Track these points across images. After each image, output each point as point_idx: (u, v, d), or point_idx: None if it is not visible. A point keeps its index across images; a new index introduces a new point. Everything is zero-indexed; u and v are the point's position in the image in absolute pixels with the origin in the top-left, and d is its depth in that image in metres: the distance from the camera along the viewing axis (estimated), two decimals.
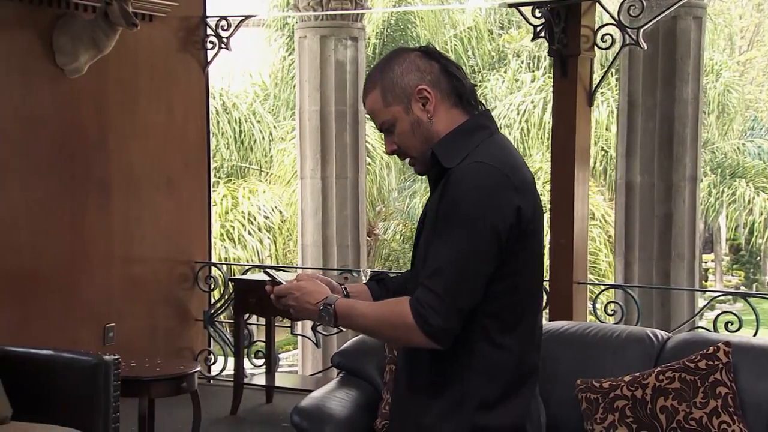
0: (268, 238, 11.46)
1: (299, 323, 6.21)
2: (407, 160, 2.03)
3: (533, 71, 14.35)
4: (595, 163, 14.20)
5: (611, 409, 3.06)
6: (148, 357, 4.42)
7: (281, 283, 1.98)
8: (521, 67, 14.40)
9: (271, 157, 12.50)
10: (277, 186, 11.81)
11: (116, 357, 3.51)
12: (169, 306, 5.75)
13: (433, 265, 1.83)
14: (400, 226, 13.36)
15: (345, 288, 2.04)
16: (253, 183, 12.07)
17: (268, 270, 2.04)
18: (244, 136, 12.27)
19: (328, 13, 6.88)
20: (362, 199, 7.14)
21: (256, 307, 5.06)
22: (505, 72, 14.44)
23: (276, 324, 5.53)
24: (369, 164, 11.83)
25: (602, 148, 13.99)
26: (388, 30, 13.36)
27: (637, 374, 3.09)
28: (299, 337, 6.83)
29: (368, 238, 12.49)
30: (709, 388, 2.95)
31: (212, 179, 11.97)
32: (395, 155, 2.02)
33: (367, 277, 2.07)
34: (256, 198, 11.60)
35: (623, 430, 3.03)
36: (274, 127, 12.62)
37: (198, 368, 4.17)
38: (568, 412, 3.21)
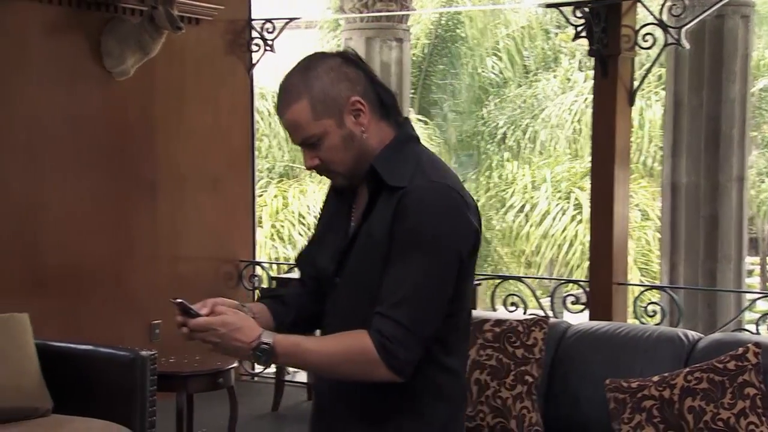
0: None
1: None
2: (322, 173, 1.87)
3: (587, 71, 14.20)
4: (653, 162, 14.00)
5: (639, 409, 3.05)
6: (192, 354, 4.51)
7: (197, 315, 1.72)
8: (572, 66, 14.26)
9: None
10: (328, 186, 11.89)
11: (153, 352, 3.61)
12: None
13: (395, 295, 1.71)
14: None
15: (250, 310, 1.85)
16: (304, 183, 12.18)
17: (179, 300, 1.73)
18: None
19: (372, 14, 6.94)
20: None
21: None
22: (558, 71, 14.33)
23: None
24: None
25: (660, 147, 13.78)
26: (439, 30, 13.36)
27: (666, 374, 3.08)
28: None
29: None
30: (738, 389, 2.92)
31: (264, 179, 12.15)
32: (312, 170, 1.86)
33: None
34: (306, 198, 11.71)
35: (650, 430, 3.02)
36: None
37: (234, 364, 4.25)
38: (596, 412, 3.21)
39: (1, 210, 4.62)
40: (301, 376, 5.53)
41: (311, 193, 11.82)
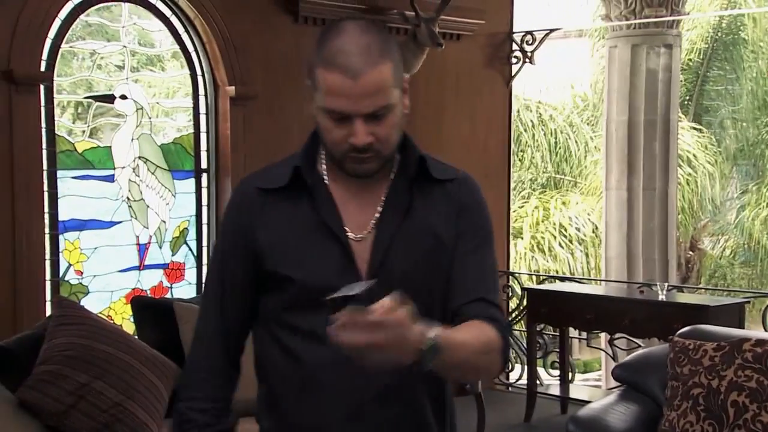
0: (580, 250, 11.37)
1: (601, 335, 6.12)
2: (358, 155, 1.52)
3: None
4: None
5: None
6: None
7: (361, 305, 1.30)
8: None
9: (585, 167, 12.41)
10: (591, 197, 11.70)
11: None
12: None
13: (485, 282, 1.61)
14: (730, 240, 12.56)
15: None
16: (566, 194, 12.05)
17: (365, 287, 1.34)
18: (560, 147, 12.31)
19: (638, 21, 6.73)
20: (672, 211, 6.87)
21: (548, 317, 5.10)
22: None
23: (570, 336, 5.52)
24: (690, 175, 11.29)
25: None
26: (718, 33, 12.64)
27: None
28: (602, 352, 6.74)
29: (691, 252, 11.91)
30: None
31: (525, 190, 12.15)
32: (359, 151, 1.50)
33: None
34: (568, 209, 11.57)
35: None
36: (591, 138, 12.52)
37: None
38: None
39: None
40: (555, 389, 5.46)
41: (573, 204, 11.66)
